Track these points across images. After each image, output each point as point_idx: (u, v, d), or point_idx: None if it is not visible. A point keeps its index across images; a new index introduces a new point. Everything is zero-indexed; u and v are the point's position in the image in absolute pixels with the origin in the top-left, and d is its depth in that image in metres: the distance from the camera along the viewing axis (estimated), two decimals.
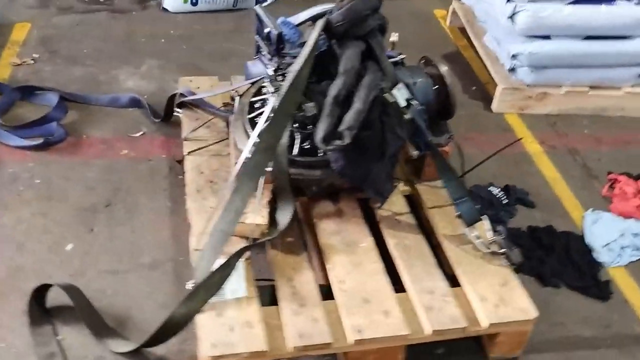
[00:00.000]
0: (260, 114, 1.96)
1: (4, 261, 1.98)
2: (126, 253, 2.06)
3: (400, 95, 1.85)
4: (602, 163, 2.75)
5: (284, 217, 1.86)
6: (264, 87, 2.01)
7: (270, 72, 1.93)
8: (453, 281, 1.89)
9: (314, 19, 1.88)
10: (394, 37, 2.08)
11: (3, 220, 2.12)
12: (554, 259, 2.22)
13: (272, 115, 1.77)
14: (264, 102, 1.99)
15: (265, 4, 3.55)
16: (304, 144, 1.88)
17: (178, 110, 2.45)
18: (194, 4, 3.52)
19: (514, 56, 2.89)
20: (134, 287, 1.96)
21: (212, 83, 2.60)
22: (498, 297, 1.83)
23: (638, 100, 3.04)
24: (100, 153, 2.46)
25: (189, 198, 2.04)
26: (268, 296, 1.82)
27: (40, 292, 1.84)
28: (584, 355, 1.94)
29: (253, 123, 1.95)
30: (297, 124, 1.87)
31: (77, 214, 2.18)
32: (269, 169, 1.82)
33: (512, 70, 2.96)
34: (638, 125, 3.04)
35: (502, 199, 2.45)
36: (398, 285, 1.84)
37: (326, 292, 1.82)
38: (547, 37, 2.88)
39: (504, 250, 1.92)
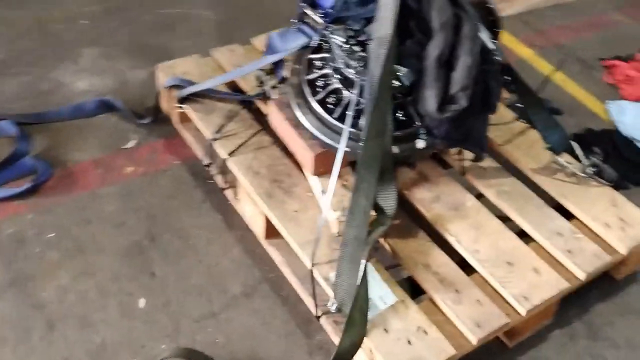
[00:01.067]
0: (323, 89, 1.69)
1: (78, 345, 1.61)
2: (210, 289, 1.76)
3: (485, 36, 1.67)
4: (589, 51, 2.79)
5: (390, 201, 1.65)
6: (318, 60, 1.73)
7: (339, 41, 1.64)
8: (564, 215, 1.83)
9: None
10: None
11: (43, 297, 1.71)
12: (611, 161, 2.23)
13: (373, 93, 1.52)
14: (326, 81, 1.71)
15: None
16: (397, 115, 1.65)
17: (181, 106, 2.07)
18: None
19: None
20: (242, 324, 1.69)
21: (198, 63, 2.22)
22: (618, 219, 1.80)
23: None
24: (102, 179, 2.04)
25: (265, 207, 1.76)
26: (410, 290, 1.65)
27: None
28: None
29: (322, 104, 1.69)
30: None
31: (124, 260, 1.81)
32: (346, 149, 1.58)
33: None
34: (593, 5, 3.10)
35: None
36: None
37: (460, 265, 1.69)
38: None
39: (599, 170, 1.88)
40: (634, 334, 1.75)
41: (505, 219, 1.79)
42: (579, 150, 1.89)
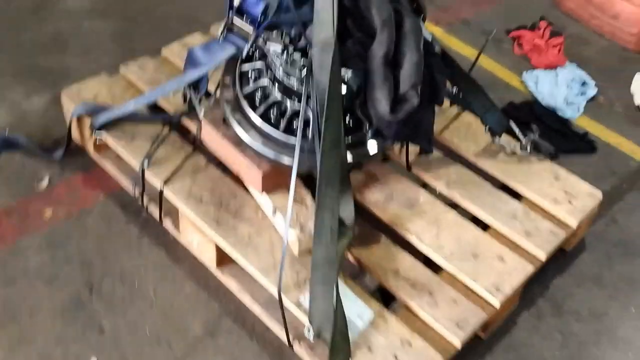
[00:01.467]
0: (263, 102, 1.58)
1: None
2: (168, 334, 1.61)
3: (424, 28, 1.62)
4: (494, 24, 2.82)
5: (348, 210, 1.58)
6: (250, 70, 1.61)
7: (277, 49, 1.52)
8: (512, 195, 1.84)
9: None
10: None
11: None
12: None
13: (322, 102, 1.42)
14: (265, 93, 1.59)
15: None
16: (345, 120, 1.57)
17: (101, 134, 1.87)
18: None
19: None
20: None
21: (106, 84, 2.02)
22: (564, 193, 1.83)
23: None
24: (19, 229, 1.82)
25: (215, 235, 1.63)
26: (382, 299, 1.59)
27: None
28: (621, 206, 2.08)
29: (266, 118, 1.57)
30: None
31: (65, 318, 1.62)
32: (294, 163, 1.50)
33: None
34: None
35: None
36: None
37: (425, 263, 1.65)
38: None
39: (536, 145, 1.90)
40: (594, 302, 1.80)
41: (456, 206, 1.78)
42: (516, 129, 1.90)
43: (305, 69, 1.49)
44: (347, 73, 1.50)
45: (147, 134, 1.87)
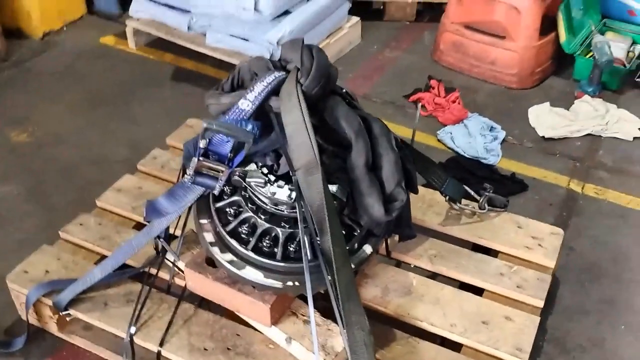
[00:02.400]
0: (251, 235, 1.55)
1: None
2: None
3: None
4: (389, 95, 2.99)
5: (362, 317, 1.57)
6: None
7: (259, 181, 1.51)
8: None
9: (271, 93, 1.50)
10: None
11: None
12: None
13: (321, 221, 1.42)
14: (252, 226, 1.56)
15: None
16: None
17: (68, 312, 1.72)
18: None
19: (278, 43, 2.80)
20: None
21: (52, 254, 1.87)
22: (531, 238, 1.94)
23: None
24: None
25: None
26: None
27: None
28: None
29: (258, 250, 1.54)
30: None
31: None
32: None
33: None
34: (366, 49, 3.35)
35: None
36: None
37: None
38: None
39: (490, 200, 2.02)
40: (589, 331, 1.92)
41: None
42: (471, 191, 2.01)
43: (293, 193, 1.49)
44: (333, 187, 1.52)
45: (120, 296, 1.75)
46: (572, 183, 2.49)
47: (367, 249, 1.62)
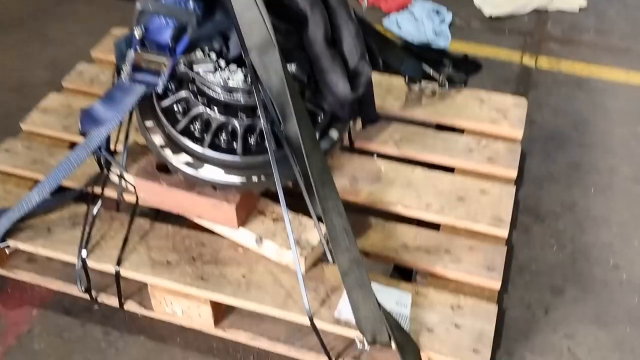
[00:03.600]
0: (206, 132, 1.39)
1: None
2: None
3: None
4: None
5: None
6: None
7: (208, 68, 1.33)
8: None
9: None
10: None
11: None
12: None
13: (282, 104, 1.28)
14: (204, 121, 1.40)
15: None
16: None
17: (7, 244, 1.53)
18: None
19: None
20: None
21: None
22: (496, 111, 1.86)
23: None
24: None
25: (207, 293, 1.42)
26: (403, 278, 1.51)
27: None
28: None
29: (215, 146, 1.39)
30: None
31: None
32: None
33: None
34: None
35: None
36: None
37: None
38: None
39: (450, 78, 1.92)
40: (560, 197, 1.88)
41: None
42: (429, 69, 1.89)
43: (248, 78, 1.33)
44: (291, 67, 1.37)
45: (64, 219, 1.57)
46: (525, 58, 2.41)
47: (334, 132, 1.49)
